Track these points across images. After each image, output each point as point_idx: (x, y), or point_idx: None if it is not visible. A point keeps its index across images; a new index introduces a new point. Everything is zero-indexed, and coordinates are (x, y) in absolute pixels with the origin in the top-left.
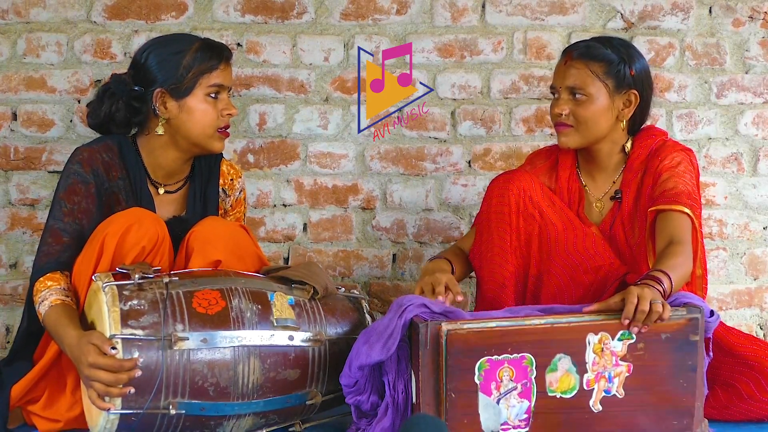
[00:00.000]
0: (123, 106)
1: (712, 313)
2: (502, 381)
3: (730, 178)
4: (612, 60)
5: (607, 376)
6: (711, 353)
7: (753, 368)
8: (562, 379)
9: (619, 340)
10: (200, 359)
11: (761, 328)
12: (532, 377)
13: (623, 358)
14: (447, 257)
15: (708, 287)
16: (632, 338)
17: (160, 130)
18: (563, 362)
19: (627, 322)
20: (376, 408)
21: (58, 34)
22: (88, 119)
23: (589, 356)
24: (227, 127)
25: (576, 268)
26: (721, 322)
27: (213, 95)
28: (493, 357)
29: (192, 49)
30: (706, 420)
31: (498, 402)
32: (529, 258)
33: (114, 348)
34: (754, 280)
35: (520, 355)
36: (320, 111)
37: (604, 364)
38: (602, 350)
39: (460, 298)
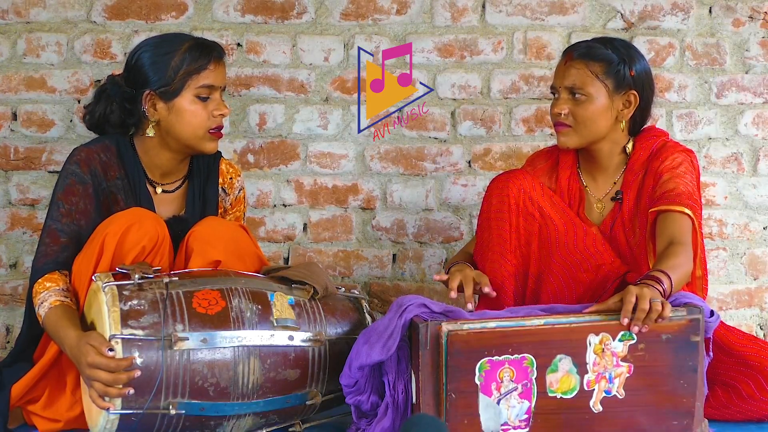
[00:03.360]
0: (117, 108)
1: (712, 313)
2: (502, 382)
3: (730, 178)
4: (612, 60)
5: (607, 377)
6: (711, 353)
7: (753, 368)
8: (562, 379)
9: (620, 340)
10: (200, 359)
11: (761, 328)
12: (533, 378)
13: (624, 359)
14: (461, 261)
15: (708, 287)
16: (633, 339)
17: (150, 132)
18: (564, 363)
19: (626, 321)
20: (376, 408)
21: (58, 34)
22: (84, 120)
23: (590, 357)
24: (220, 127)
25: (576, 266)
26: (721, 321)
27: (203, 96)
28: (494, 358)
29: (181, 49)
30: (706, 420)
31: (498, 402)
32: (529, 257)
33: (111, 350)
34: (754, 280)
35: (521, 355)
36: (320, 111)
37: (605, 365)
38: (603, 351)
39: (487, 289)
